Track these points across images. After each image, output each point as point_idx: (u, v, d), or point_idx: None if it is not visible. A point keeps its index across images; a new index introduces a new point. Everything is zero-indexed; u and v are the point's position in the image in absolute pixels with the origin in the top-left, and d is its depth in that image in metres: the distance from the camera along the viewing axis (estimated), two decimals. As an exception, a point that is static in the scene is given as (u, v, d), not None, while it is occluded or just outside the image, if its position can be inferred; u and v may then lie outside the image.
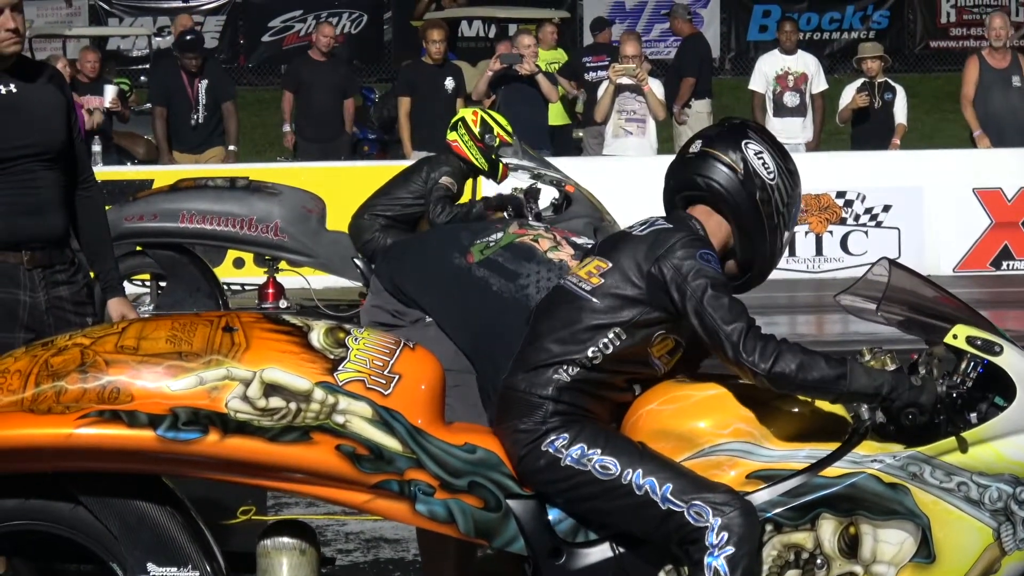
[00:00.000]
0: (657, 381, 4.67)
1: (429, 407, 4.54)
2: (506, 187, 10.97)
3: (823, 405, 4.59)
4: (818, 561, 4.47)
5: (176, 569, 4.49)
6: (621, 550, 4.56)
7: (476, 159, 10.45)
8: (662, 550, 4.52)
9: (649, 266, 4.48)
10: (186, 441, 4.37)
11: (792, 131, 16.12)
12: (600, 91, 16.46)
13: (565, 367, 4.53)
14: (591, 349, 4.51)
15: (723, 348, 4.42)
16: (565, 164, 12.58)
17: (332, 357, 4.50)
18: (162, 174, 15.71)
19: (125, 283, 10.97)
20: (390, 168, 15.46)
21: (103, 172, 15.81)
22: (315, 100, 16.79)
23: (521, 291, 5.51)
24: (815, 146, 16.83)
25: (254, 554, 4.65)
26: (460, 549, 5.67)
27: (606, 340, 4.51)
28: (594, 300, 4.54)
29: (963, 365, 4.52)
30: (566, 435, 4.47)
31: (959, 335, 4.52)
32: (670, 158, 14.73)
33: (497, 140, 10.51)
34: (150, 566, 4.48)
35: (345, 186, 13.94)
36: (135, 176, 15.95)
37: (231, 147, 16.55)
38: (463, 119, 10.66)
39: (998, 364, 4.53)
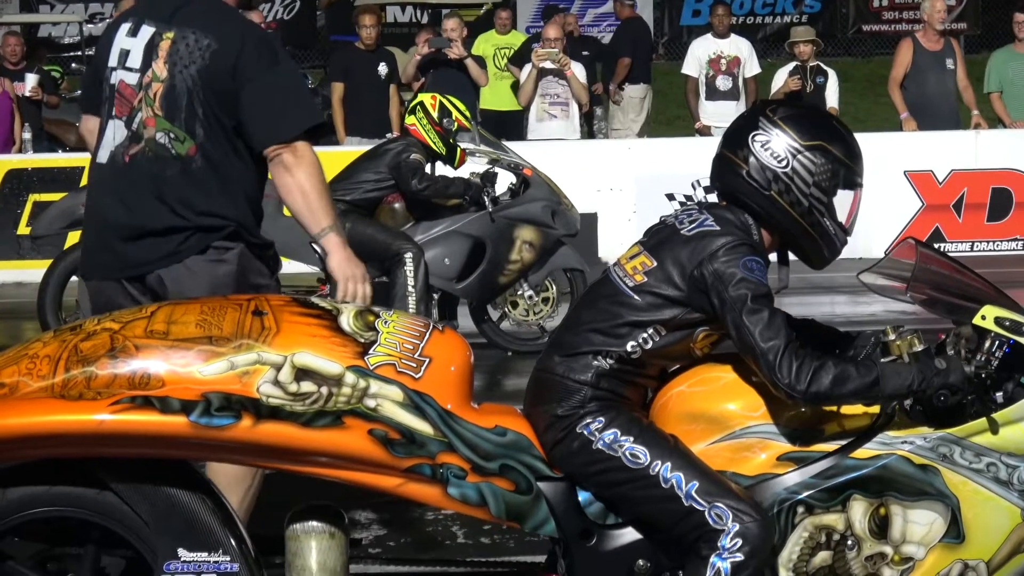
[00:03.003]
0: (689, 363, 4.68)
1: (459, 390, 4.53)
2: (464, 172, 10.93)
3: None
4: (849, 542, 4.48)
5: (207, 554, 4.47)
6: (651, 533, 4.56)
7: (434, 143, 10.49)
8: None
9: (692, 268, 4.47)
10: (219, 427, 4.35)
11: (725, 115, 16.09)
12: (523, 75, 16.43)
13: (604, 355, 4.52)
14: (630, 344, 4.51)
15: (759, 364, 4.41)
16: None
17: (363, 341, 4.48)
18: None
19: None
20: (323, 154, 15.40)
21: (34, 160, 15.75)
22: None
23: None
24: (748, 130, 16.88)
25: (283, 537, 4.63)
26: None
27: (645, 336, 4.51)
28: (635, 297, 4.53)
29: (990, 345, 4.52)
30: (602, 419, 4.47)
31: (987, 316, 4.53)
32: (593, 142, 14.88)
33: (455, 125, 10.57)
34: (181, 552, 4.46)
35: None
36: (66, 163, 15.87)
37: (171, 135, 16.39)
38: (421, 103, 10.70)
39: None
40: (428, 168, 10.52)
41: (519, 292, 10.78)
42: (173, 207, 5.58)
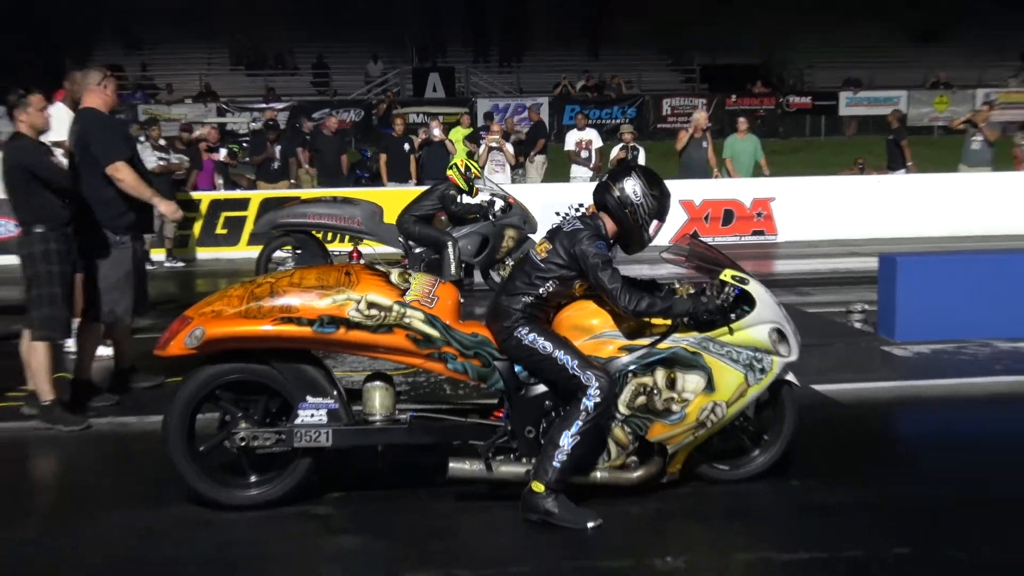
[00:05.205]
0: (573, 299, 4.62)
1: (453, 314, 4.51)
2: (477, 200, 10.86)
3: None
4: (655, 391, 4.48)
5: (321, 398, 4.47)
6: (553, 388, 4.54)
7: (462, 184, 10.38)
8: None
9: (570, 248, 4.45)
10: (328, 333, 4.34)
11: (584, 172, 16.13)
12: (481, 149, 16.34)
13: (528, 295, 4.49)
14: (541, 289, 4.49)
15: (608, 297, 4.41)
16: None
17: (402, 288, 4.48)
18: (255, 196, 15.37)
19: (279, 252, 10.82)
20: (376, 192, 15.19)
21: (224, 194, 15.54)
22: (326, 156, 16.45)
23: None
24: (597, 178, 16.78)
25: (360, 391, 4.64)
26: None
27: (548, 285, 4.49)
28: (542, 265, 4.51)
29: (728, 290, 4.54)
30: (527, 328, 4.44)
31: (727, 274, 4.55)
32: (516, 184, 14.50)
33: (473, 174, 10.47)
34: (308, 397, 4.47)
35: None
36: (241, 196, 15.55)
37: (292, 180, 16.21)
38: (455, 164, 10.60)
39: (747, 289, 4.58)
40: (459, 198, 10.44)
41: (507, 262, 10.69)
42: None
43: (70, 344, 6.69)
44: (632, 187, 4.53)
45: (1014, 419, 5.89)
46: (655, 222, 4.58)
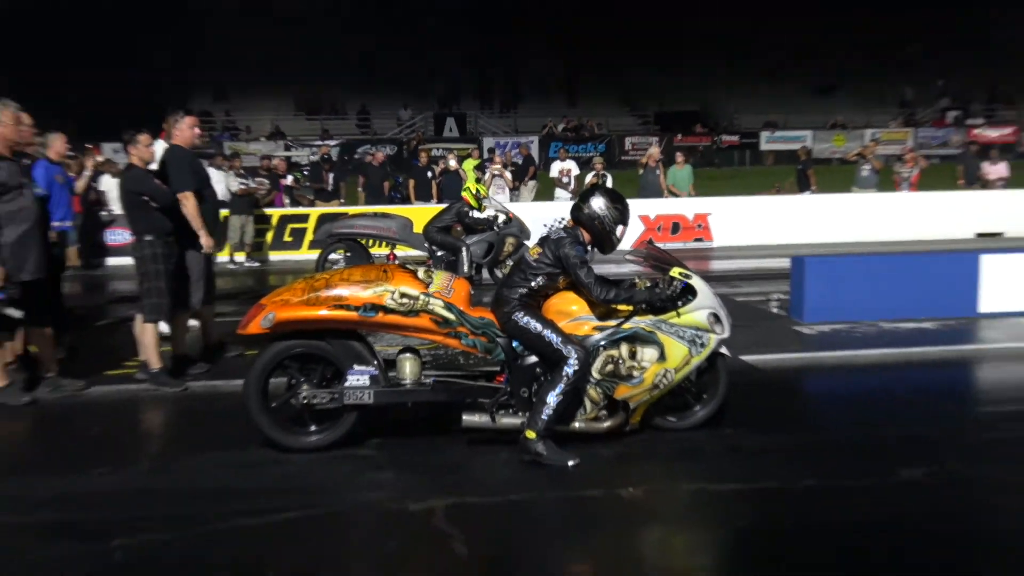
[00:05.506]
0: (558, 291, 4.58)
1: (466, 301, 4.47)
2: (485, 214, 10.72)
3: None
4: (620, 360, 4.45)
5: (365, 367, 4.43)
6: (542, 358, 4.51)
7: (473, 203, 10.23)
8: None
9: (556, 251, 4.41)
10: (370, 316, 4.30)
11: (565, 194, 15.85)
12: (486, 176, 16.19)
13: (523, 287, 4.45)
14: (533, 282, 4.45)
15: (585, 288, 4.38)
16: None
17: (427, 282, 4.43)
18: (314, 211, 15.25)
19: (333, 255, 10.71)
20: (406, 209, 15.08)
21: (291, 210, 15.42)
22: (373, 181, 16.37)
23: None
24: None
25: (394, 361, 4.59)
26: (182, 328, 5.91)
27: (539, 279, 4.45)
28: (534, 264, 4.47)
29: (675, 283, 4.51)
30: (522, 312, 4.41)
31: (675, 271, 4.53)
32: (519, 204, 14.12)
33: (482, 195, 10.34)
34: (355, 366, 4.42)
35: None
36: (304, 212, 15.42)
37: (342, 200, 16.11)
38: (468, 187, 10.42)
39: (691, 283, 4.55)
40: (471, 213, 10.30)
41: (507, 263, 10.55)
42: None
43: (164, 327, 6.66)
44: (597, 203, 4.50)
45: (894, 381, 5.90)
46: (620, 227, 4.53)
